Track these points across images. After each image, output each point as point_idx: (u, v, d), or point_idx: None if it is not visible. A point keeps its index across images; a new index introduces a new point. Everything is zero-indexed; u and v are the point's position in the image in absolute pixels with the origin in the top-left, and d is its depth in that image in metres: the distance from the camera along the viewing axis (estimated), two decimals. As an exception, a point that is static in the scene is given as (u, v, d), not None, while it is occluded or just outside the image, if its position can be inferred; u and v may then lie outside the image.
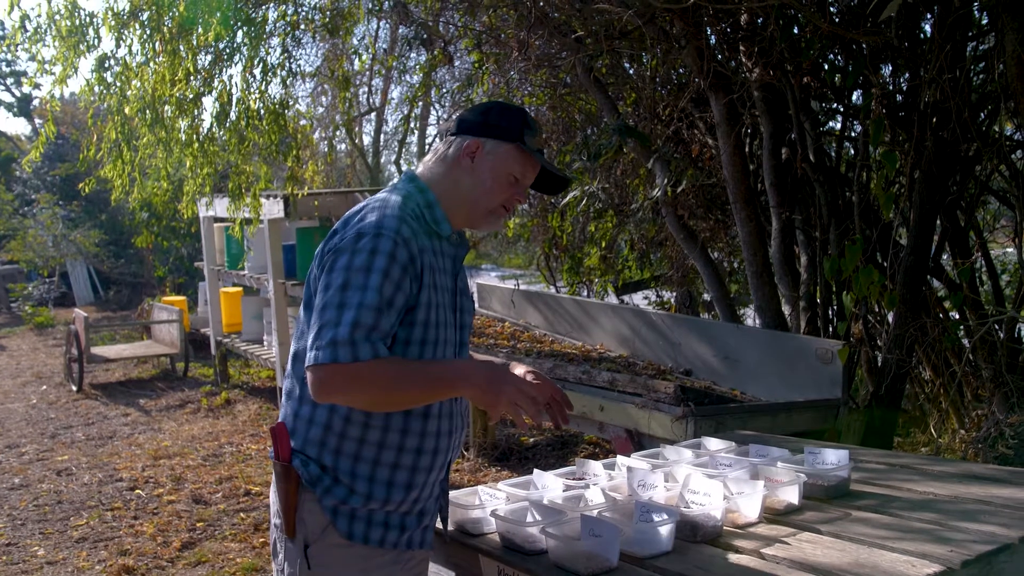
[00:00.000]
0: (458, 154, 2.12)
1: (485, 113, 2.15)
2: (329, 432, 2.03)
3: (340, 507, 2.03)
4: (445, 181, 2.12)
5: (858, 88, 5.24)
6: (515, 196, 2.17)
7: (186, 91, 6.50)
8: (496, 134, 2.11)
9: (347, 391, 1.92)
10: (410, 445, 2.07)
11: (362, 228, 1.95)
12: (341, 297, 1.89)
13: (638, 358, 5.47)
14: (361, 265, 1.91)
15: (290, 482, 2.03)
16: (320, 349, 1.87)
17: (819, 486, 2.45)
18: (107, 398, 9.54)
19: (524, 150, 2.13)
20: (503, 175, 2.13)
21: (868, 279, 3.75)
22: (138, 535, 5.34)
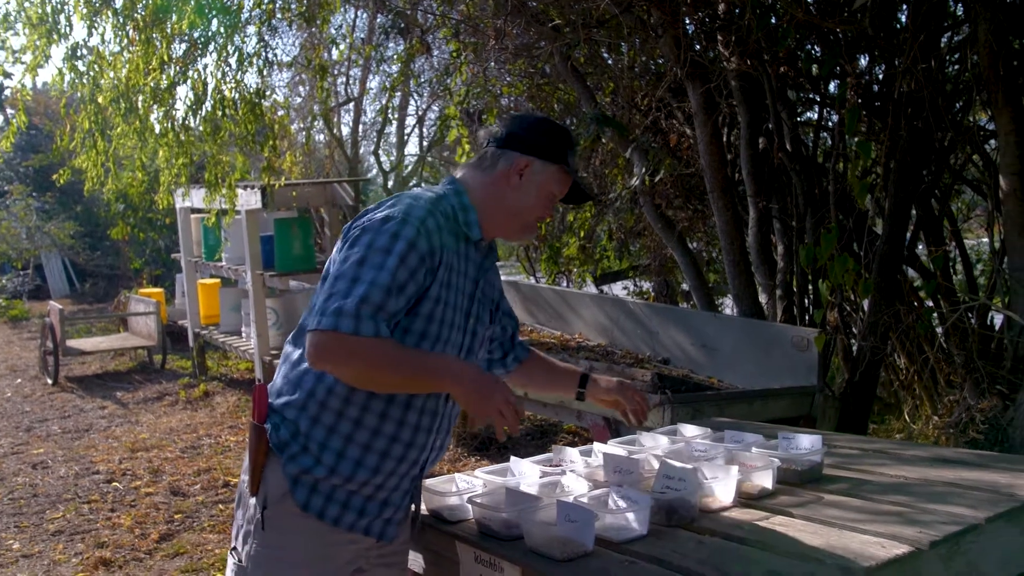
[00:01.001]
0: (507, 169, 2.17)
1: (535, 131, 2.21)
2: (311, 399, 2.06)
3: (302, 477, 2.04)
4: (487, 190, 2.18)
5: (834, 78, 5.28)
6: (549, 211, 2.28)
7: (160, 80, 6.45)
8: (545, 154, 2.19)
9: (339, 361, 1.95)
10: (386, 431, 2.08)
11: (391, 212, 2.01)
12: (356, 271, 1.94)
13: (616, 347, 5.50)
14: (381, 246, 1.95)
15: (260, 443, 2.05)
16: (324, 315, 1.91)
17: (793, 471, 2.48)
18: (83, 391, 9.48)
19: (567, 171, 2.22)
20: (545, 193, 2.21)
21: (843, 267, 3.79)
22: (115, 527, 5.32)
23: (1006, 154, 4.07)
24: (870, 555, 1.88)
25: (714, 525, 2.16)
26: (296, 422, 2.06)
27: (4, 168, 20.30)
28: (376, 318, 1.92)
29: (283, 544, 2.06)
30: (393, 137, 13.98)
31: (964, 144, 4.94)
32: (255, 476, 2.06)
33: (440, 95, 9.46)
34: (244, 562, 2.09)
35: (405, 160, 13.73)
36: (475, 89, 6.64)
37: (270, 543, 2.06)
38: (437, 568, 2.38)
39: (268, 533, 2.05)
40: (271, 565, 2.07)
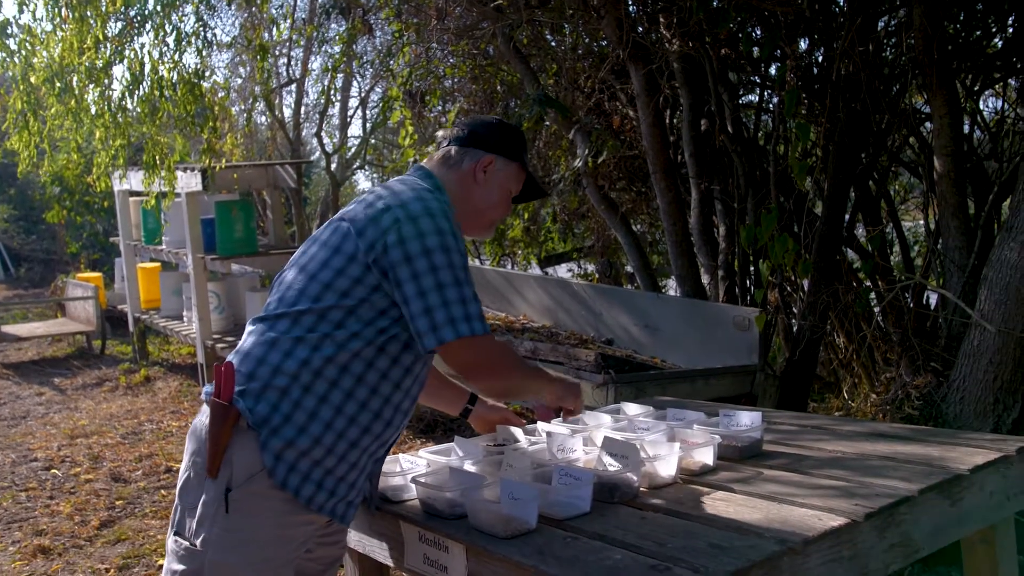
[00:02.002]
0: (473, 165, 2.27)
1: (495, 131, 2.32)
2: (305, 367, 2.04)
3: (285, 452, 2.01)
4: (456, 188, 2.26)
5: (774, 60, 5.33)
6: (508, 209, 2.40)
7: (95, 60, 6.28)
8: (505, 152, 2.30)
9: (492, 365, 2.13)
10: (373, 406, 2.10)
11: (423, 212, 2.07)
12: (453, 276, 2.03)
13: (561, 328, 5.52)
14: (449, 246, 2.04)
15: (226, 423, 2.01)
16: (457, 324, 2.01)
17: (733, 447, 2.51)
18: (19, 377, 9.23)
19: (523, 169, 2.35)
20: (506, 190, 2.33)
21: (783, 247, 3.83)
22: (54, 515, 5.20)
23: (940, 136, 4.15)
24: (808, 527, 1.91)
25: (656, 501, 2.18)
26: (285, 392, 2.03)
27: (-67, 150, 19.64)
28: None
29: (245, 526, 2.03)
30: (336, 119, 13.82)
31: (901, 126, 5.02)
32: (216, 458, 2.01)
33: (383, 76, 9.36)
34: (200, 546, 2.03)
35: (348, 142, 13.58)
36: (418, 71, 6.58)
37: (233, 526, 2.02)
38: (382, 548, 2.36)
39: (232, 516, 2.01)
40: (233, 548, 2.03)
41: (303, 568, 2.19)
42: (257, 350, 2.09)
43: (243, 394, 2.04)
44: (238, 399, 2.03)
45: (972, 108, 5.22)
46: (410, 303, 2.02)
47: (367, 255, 2.04)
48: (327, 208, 13.47)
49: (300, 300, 2.08)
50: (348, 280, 2.05)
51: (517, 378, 2.26)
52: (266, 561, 2.05)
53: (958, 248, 4.14)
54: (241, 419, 2.02)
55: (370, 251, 2.04)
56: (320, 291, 2.07)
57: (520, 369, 2.28)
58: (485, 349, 2.09)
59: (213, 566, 2.02)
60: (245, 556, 2.03)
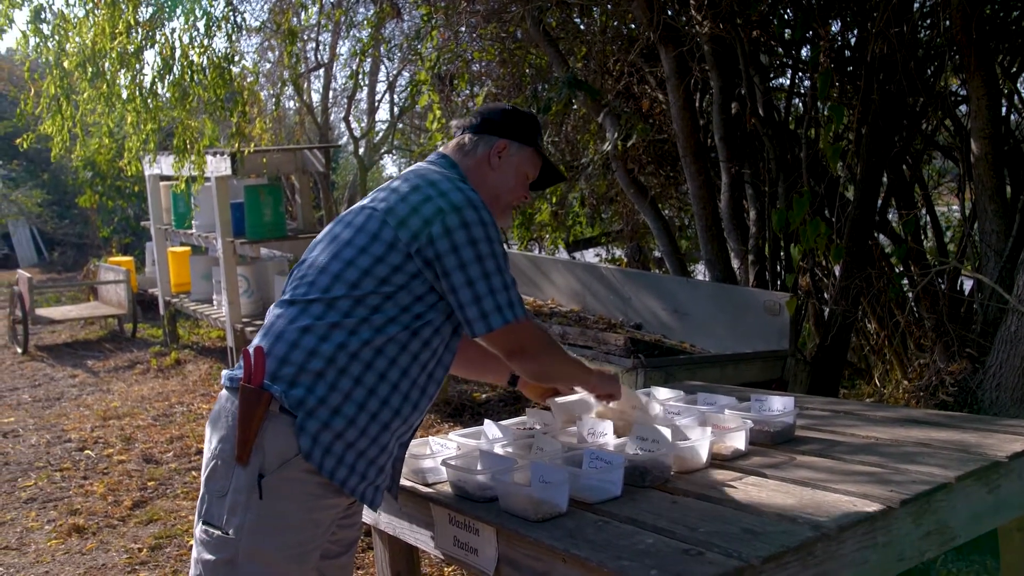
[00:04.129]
0: (487, 151, 2.30)
1: (508, 116, 2.34)
2: (341, 351, 2.04)
3: (321, 434, 2.01)
4: (472, 175, 2.28)
5: (806, 43, 5.26)
6: (525, 193, 2.41)
7: (127, 45, 6.30)
8: (519, 136, 2.33)
9: (536, 349, 2.21)
10: (403, 388, 2.11)
11: (474, 201, 2.11)
12: (496, 265, 2.10)
13: (589, 312, 5.49)
14: (493, 236, 2.10)
15: (259, 407, 1.99)
16: (504, 310, 2.09)
17: (765, 432, 2.49)
18: (53, 360, 9.36)
19: (538, 153, 2.37)
20: (522, 174, 2.35)
21: (815, 231, 3.79)
22: (88, 495, 5.27)
23: (977, 119, 4.07)
24: (842, 513, 1.89)
25: (688, 486, 2.16)
26: (320, 375, 2.03)
27: (-32, 136, 19.88)
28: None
29: (279, 512, 2.02)
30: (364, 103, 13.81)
31: (936, 109, 4.93)
32: (246, 444, 1.99)
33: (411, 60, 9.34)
34: (233, 534, 2.01)
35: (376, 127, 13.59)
36: (446, 54, 6.55)
37: (267, 512, 2.01)
38: (412, 531, 2.37)
39: (266, 502, 2.00)
40: (268, 535, 2.01)
41: (327, 551, 2.19)
42: (291, 334, 2.08)
43: (276, 378, 2.03)
44: (271, 384, 2.02)
45: (1010, 90, 5.12)
46: (458, 292, 2.07)
47: (410, 244, 2.06)
48: (355, 192, 13.50)
49: (335, 286, 2.08)
50: (388, 268, 2.07)
51: (556, 363, 2.32)
52: (300, 545, 2.05)
53: (995, 232, 4.06)
54: (273, 404, 2.00)
55: (413, 240, 2.06)
56: (358, 277, 2.07)
57: (559, 355, 2.34)
58: (527, 334, 2.17)
59: (248, 553, 2.01)
60: (281, 541, 2.03)
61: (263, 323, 2.19)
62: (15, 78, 17.59)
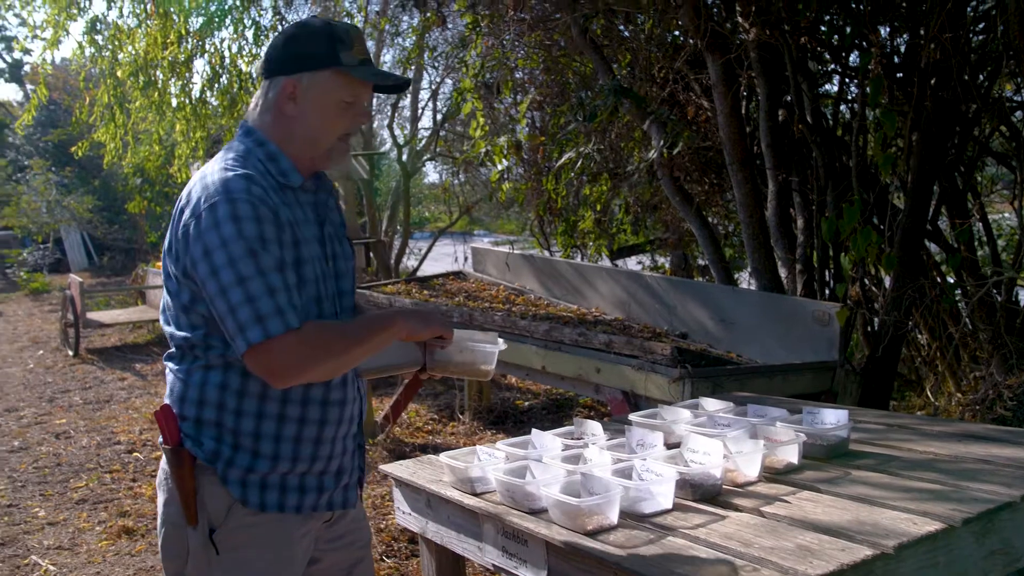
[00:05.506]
0: (277, 99, 1.91)
1: (288, 44, 1.93)
2: (226, 392, 1.86)
3: (248, 477, 1.86)
4: (278, 129, 1.92)
5: (855, 49, 5.17)
6: (355, 119, 1.97)
7: (178, 54, 6.41)
8: (308, 65, 1.89)
9: (300, 365, 1.77)
10: (316, 395, 1.92)
11: (211, 199, 1.78)
12: (235, 274, 1.73)
13: (634, 321, 5.45)
14: (232, 235, 1.74)
15: (184, 466, 1.85)
16: (245, 330, 1.72)
17: (818, 445, 2.44)
18: (103, 362, 9.51)
19: (344, 72, 1.90)
20: (331, 106, 1.92)
21: (867, 240, 3.71)
22: (137, 497, 5.33)
23: (1034, 125, 3.97)
24: (901, 531, 1.83)
25: (740, 500, 2.12)
26: (218, 424, 1.86)
27: (24, 143, 20.34)
28: (292, 302, 1.77)
29: (241, 561, 1.88)
30: (407, 111, 13.85)
31: (991, 115, 4.82)
32: (189, 504, 1.86)
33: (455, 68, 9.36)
34: None
35: (419, 134, 13.64)
36: (490, 62, 6.55)
37: (230, 565, 1.88)
38: (460, 541, 2.35)
39: (224, 556, 1.87)
40: None
41: None
42: (177, 387, 1.91)
43: (185, 435, 1.88)
44: (184, 440, 1.87)
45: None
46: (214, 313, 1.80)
47: (188, 274, 1.83)
48: (397, 199, 13.57)
49: (180, 329, 1.90)
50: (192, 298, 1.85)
51: (345, 355, 1.85)
52: None
53: (1053, 242, 3.96)
54: (197, 459, 1.86)
55: (178, 263, 1.84)
56: (183, 316, 1.89)
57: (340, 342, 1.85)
58: (281, 352, 1.75)
59: None
60: None
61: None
62: (69, 87, 17.97)
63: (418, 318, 1.97)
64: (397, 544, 4.31)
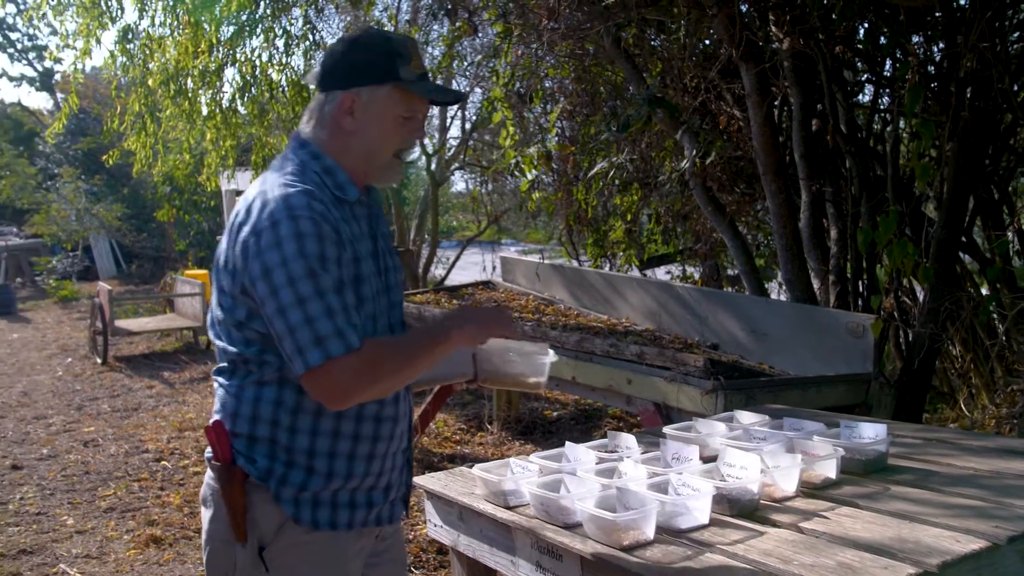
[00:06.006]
0: (335, 113, 1.90)
1: (347, 57, 1.91)
2: (281, 408, 1.86)
3: (301, 495, 1.86)
4: (334, 142, 1.91)
5: (889, 58, 5.14)
6: (412, 134, 1.96)
7: (208, 63, 6.49)
8: (367, 79, 1.88)
9: (358, 387, 1.77)
10: (370, 411, 1.91)
11: (273, 216, 1.76)
12: (294, 294, 1.73)
13: (664, 332, 5.43)
14: (293, 254, 1.74)
15: (235, 484, 1.84)
16: (304, 352, 1.73)
17: (857, 460, 2.42)
18: (131, 370, 9.61)
19: (403, 87, 1.90)
20: (389, 121, 1.91)
21: (903, 252, 3.68)
22: (165, 506, 5.37)
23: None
24: (944, 549, 1.82)
25: (777, 515, 2.11)
26: (272, 441, 1.86)
27: (55, 151, 20.63)
28: (351, 323, 1.76)
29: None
30: (436, 120, 13.92)
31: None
32: (238, 522, 1.85)
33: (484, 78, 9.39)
34: None
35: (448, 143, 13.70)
36: (520, 71, 6.57)
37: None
38: (492, 554, 2.35)
39: (274, 574, 1.87)
40: None
41: None
42: (229, 404, 1.90)
43: (237, 451, 1.87)
44: (236, 457, 1.87)
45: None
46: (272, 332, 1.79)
47: (247, 291, 1.81)
48: (426, 208, 13.63)
49: (234, 343, 1.88)
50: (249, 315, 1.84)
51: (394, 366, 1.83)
52: None
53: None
54: (249, 476, 1.86)
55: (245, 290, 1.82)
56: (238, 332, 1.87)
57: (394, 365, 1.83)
58: (340, 374, 1.75)
59: None
60: None
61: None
62: (99, 96, 18.23)
63: (474, 322, 1.94)
64: (425, 555, 4.31)
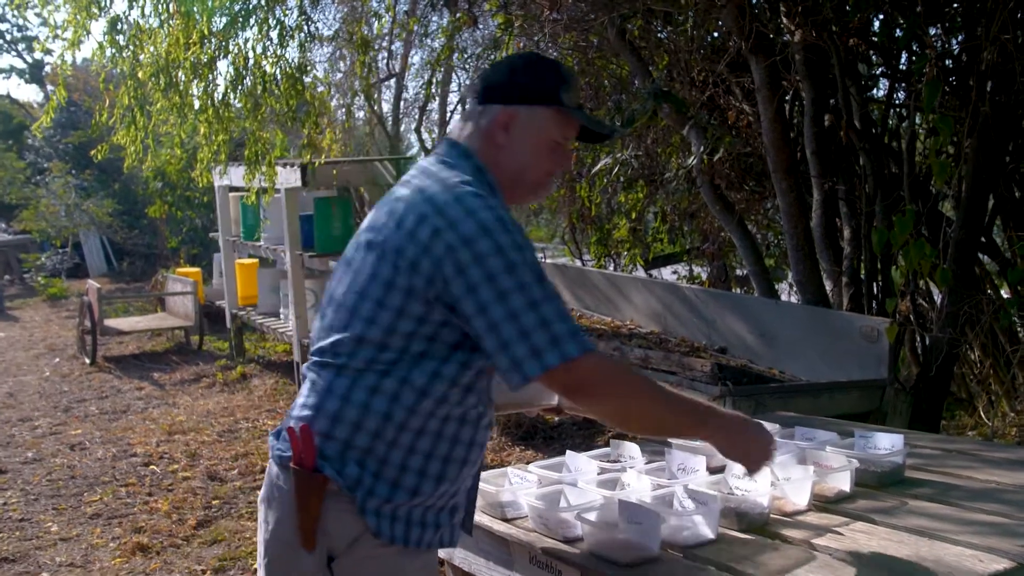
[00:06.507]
0: (490, 126, 1.92)
1: (512, 73, 1.95)
2: (388, 421, 1.83)
3: (383, 508, 1.84)
4: (486, 156, 1.93)
5: (905, 51, 5.08)
6: (560, 161, 1.99)
7: (200, 55, 6.42)
8: (529, 98, 1.92)
9: (606, 387, 1.79)
10: (465, 436, 1.91)
11: (485, 225, 1.76)
12: (526, 299, 1.73)
13: (670, 334, 5.38)
14: (519, 261, 1.75)
15: (313, 491, 1.83)
16: (543, 352, 1.72)
17: (871, 472, 2.37)
18: (121, 371, 9.57)
19: (563, 111, 1.93)
20: (543, 143, 1.94)
21: (920, 253, 3.63)
22: (153, 512, 5.34)
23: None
24: (967, 569, 1.76)
25: (789, 530, 2.06)
26: (368, 451, 1.84)
27: (44, 145, 20.59)
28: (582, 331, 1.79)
29: None
30: (435, 114, 13.87)
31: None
32: (308, 529, 1.83)
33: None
34: None
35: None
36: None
37: None
38: (489, 569, 2.30)
39: None
40: None
41: None
42: (331, 405, 1.86)
43: (324, 457, 1.85)
44: (323, 464, 1.85)
45: None
46: (484, 339, 1.77)
47: (426, 290, 1.78)
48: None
49: (362, 348, 1.84)
50: (413, 321, 1.81)
51: (642, 404, 1.86)
52: None
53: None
54: (331, 483, 1.84)
55: (429, 286, 1.78)
56: (383, 336, 1.82)
57: (647, 393, 1.86)
58: (586, 371, 1.77)
59: None
60: None
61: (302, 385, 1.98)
62: (89, 88, 18.19)
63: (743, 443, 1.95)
64: (421, 566, 4.26)
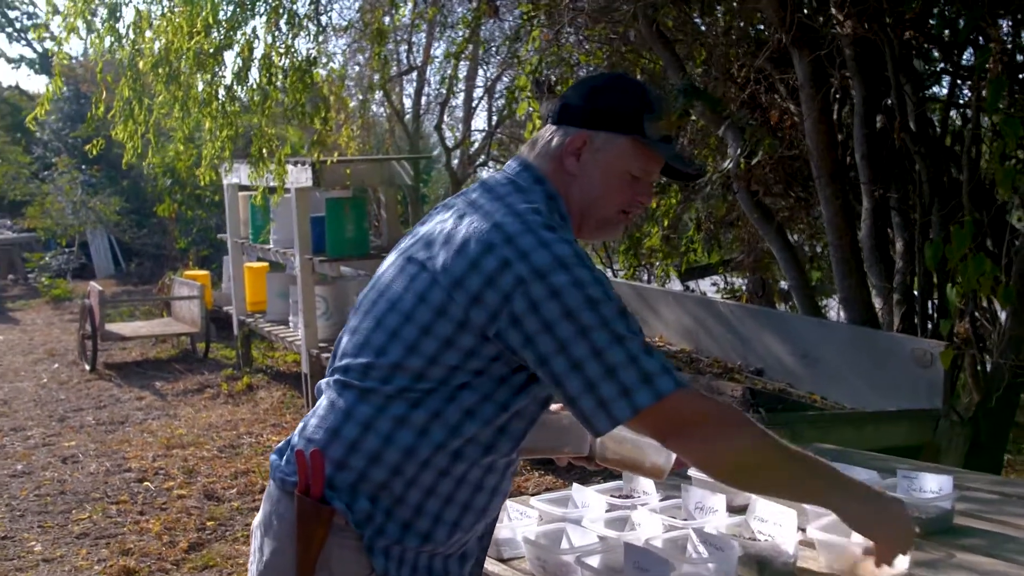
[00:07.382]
0: (561, 150, 1.85)
1: (593, 95, 1.89)
2: (409, 458, 1.77)
3: (392, 549, 1.79)
4: (555, 180, 1.87)
5: (969, 45, 4.96)
6: (637, 197, 1.90)
7: (205, 45, 6.41)
8: (608, 124, 1.84)
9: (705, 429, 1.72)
10: (490, 483, 1.84)
11: (561, 258, 1.69)
12: (610, 335, 1.66)
13: (702, 354, 5.29)
14: (601, 296, 1.68)
15: (321, 524, 1.77)
16: (633, 392, 1.65)
17: (916, 518, 2.23)
18: (121, 379, 9.59)
19: (642, 143, 1.85)
20: (617, 175, 1.86)
21: (979, 269, 3.50)
22: (143, 533, 5.30)
23: None
24: (1020, 639, 1.63)
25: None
26: (383, 486, 1.78)
27: (52, 139, 20.81)
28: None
29: None
30: (459, 111, 13.86)
31: None
32: (309, 564, 1.78)
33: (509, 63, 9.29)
34: None
35: (471, 136, 13.61)
36: (548, 57, 6.44)
37: None
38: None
39: None
40: None
41: None
42: (349, 432, 1.80)
43: (335, 487, 1.80)
44: (331, 495, 1.79)
45: None
46: (564, 383, 1.69)
47: (486, 327, 1.71)
48: (446, 207, 13.56)
49: (396, 374, 1.77)
50: (460, 353, 1.74)
51: (753, 454, 1.78)
52: None
53: None
54: (338, 516, 1.78)
55: (491, 322, 1.70)
56: (423, 365, 1.75)
57: (760, 437, 1.78)
58: (683, 409, 1.70)
59: None
60: None
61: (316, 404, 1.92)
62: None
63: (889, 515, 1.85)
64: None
